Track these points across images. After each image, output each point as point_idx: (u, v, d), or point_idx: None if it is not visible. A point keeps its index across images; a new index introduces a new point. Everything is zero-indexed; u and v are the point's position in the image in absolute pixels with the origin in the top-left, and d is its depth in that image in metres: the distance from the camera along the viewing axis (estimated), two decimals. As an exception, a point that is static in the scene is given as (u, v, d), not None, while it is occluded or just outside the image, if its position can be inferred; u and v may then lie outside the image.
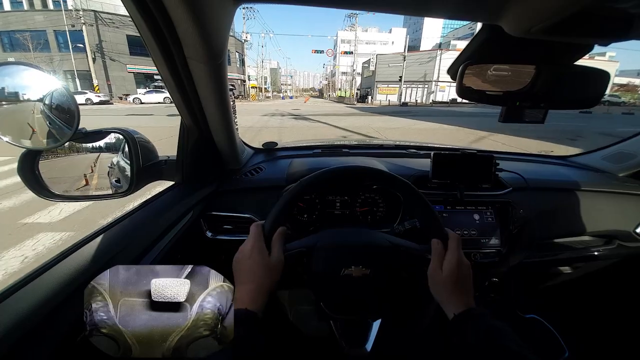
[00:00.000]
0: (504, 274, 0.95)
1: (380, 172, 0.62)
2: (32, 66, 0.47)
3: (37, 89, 0.49)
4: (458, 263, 0.52)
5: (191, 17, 0.45)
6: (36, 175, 0.58)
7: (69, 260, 0.49)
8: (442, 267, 0.52)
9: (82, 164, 0.71)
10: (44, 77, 0.48)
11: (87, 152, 0.72)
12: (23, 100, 0.48)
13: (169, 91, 0.66)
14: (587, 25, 0.35)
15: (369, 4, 0.48)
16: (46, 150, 0.58)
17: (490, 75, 0.51)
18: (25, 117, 0.50)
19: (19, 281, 0.43)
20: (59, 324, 0.41)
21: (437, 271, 0.52)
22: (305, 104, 30.15)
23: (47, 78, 0.49)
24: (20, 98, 0.48)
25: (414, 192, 0.59)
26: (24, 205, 3.05)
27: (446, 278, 0.51)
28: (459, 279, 0.51)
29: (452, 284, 0.51)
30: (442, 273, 0.52)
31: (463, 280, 0.51)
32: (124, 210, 0.67)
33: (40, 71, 0.48)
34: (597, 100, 0.52)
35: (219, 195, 0.88)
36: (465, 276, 0.52)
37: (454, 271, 0.51)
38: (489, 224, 0.93)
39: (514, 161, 1.26)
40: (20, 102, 0.48)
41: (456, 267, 0.51)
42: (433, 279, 0.53)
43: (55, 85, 0.50)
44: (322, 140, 1.67)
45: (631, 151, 1.16)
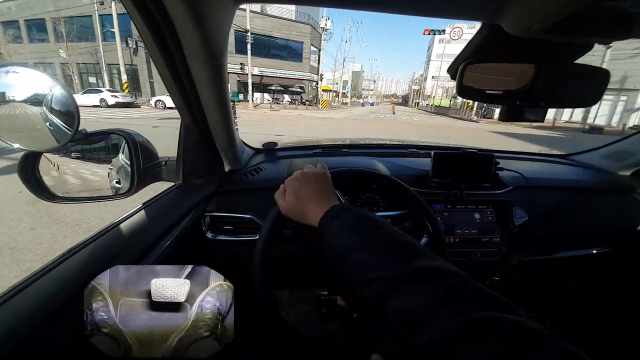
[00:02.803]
0: (505, 272, 0.95)
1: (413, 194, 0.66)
2: (32, 67, 0.47)
3: (36, 91, 0.49)
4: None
5: (191, 16, 0.45)
6: (37, 177, 0.58)
7: (70, 262, 0.49)
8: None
9: (83, 165, 0.72)
10: (43, 78, 0.48)
11: (88, 154, 0.72)
12: (22, 102, 0.48)
13: (169, 91, 0.66)
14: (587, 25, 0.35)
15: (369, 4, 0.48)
16: (47, 152, 0.58)
17: (490, 75, 0.51)
18: (25, 118, 0.50)
19: (22, 282, 0.43)
20: (62, 325, 0.41)
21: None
22: (395, 117, 23.14)
23: (46, 79, 0.49)
24: (19, 100, 0.48)
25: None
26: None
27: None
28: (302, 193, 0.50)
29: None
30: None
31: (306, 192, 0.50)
32: (125, 211, 0.67)
33: (39, 72, 0.48)
34: (596, 99, 0.52)
35: (219, 196, 0.88)
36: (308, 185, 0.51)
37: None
38: (489, 223, 0.93)
39: (514, 160, 1.26)
40: (19, 104, 0.48)
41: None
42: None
43: (54, 87, 0.50)
44: (321, 140, 1.67)
45: (632, 149, 1.15)
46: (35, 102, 0.49)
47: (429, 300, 0.31)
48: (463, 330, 0.27)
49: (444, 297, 0.30)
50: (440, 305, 0.30)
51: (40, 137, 0.53)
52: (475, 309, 0.28)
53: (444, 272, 0.33)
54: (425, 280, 0.33)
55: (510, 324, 0.26)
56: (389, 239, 0.40)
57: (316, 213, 0.46)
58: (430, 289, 0.32)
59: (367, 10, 0.50)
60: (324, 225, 0.44)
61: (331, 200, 0.49)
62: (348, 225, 0.42)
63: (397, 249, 0.38)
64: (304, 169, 0.55)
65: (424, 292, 0.32)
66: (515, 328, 0.26)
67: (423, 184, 0.95)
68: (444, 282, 0.32)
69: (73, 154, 0.68)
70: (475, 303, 0.29)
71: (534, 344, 0.25)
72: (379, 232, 0.40)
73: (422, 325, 0.29)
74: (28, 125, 0.51)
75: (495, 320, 0.27)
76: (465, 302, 0.30)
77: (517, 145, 9.69)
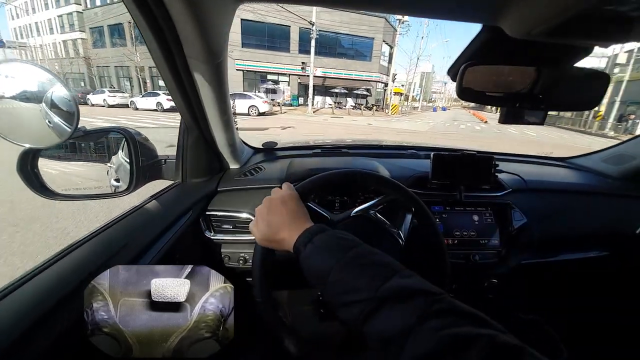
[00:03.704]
0: (503, 275, 0.95)
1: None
2: (33, 64, 0.47)
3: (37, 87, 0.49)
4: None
5: (191, 15, 0.45)
6: (36, 174, 0.58)
7: (68, 259, 0.49)
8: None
9: (82, 162, 0.72)
10: (44, 74, 0.48)
11: (87, 151, 0.72)
12: (23, 99, 0.48)
13: (169, 90, 0.66)
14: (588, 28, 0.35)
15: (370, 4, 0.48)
16: (46, 149, 0.58)
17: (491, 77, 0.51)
18: (25, 115, 0.50)
19: (19, 279, 0.43)
20: (59, 322, 0.41)
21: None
22: (490, 127, 16.70)
23: (47, 76, 0.49)
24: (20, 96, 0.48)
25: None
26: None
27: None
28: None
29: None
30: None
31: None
32: (123, 209, 0.67)
33: (40, 69, 0.48)
34: (597, 102, 0.52)
35: (219, 195, 0.88)
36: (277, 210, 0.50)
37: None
38: (488, 225, 0.93)
39: (513, 162, 1.26)
40: (20, 101, 0.48)
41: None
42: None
43: (55, 83, 0.50)
44: (321, 140, 1.67)
45: (631, 153, 1.15)
46: (35, 98, 0.49)
47: (406, 320, 0.31)
48: (440, 348, 0.28)
49: (420, 315, 0.31)
50: (416, 324, 0.30)
51: (40, 134, 0.53)
52: (452, 325, 0.29)
53: (419, 290, 0.34)
54: (402, 299, 0.33)
55: (485, 338, 0.27)
56: (362, 258, 0.40)
57: (290, 239, 0.46)
58: (407, 308, 0.32)
59: (368, 10, 0.50)
60: (298, 250, 0.44)
61: (303, 222, 0.48)
62: (321, 248, 0.42)
63: (371, 269, 0.38)
64: (271, 193, 0.54)
65: (402, 312, 0.32)
66: (490, 342, 0.27)
67: (422, 185, 0.95)
68: (419, 301, 0.33)
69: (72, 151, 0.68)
70: (451, 319, 0.30)
71: (508, 357, 0.26)
72: (352, 252, 0.40)
73: (401, 345, 0.30)
74: (28, 122, 0.51)
75: (470, 336, 0.28)
76: (441, 319, 0.30)
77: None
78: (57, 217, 2.67)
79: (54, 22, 33.77)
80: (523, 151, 1.45)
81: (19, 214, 2.70)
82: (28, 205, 2.79)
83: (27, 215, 2.68)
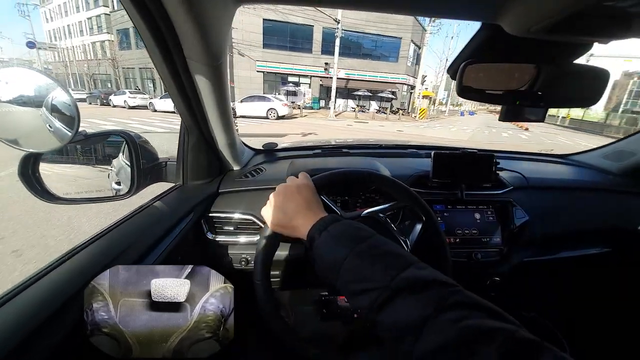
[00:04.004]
0: (505, 272, 0.95)
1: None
2: (33, 69, 0.47)
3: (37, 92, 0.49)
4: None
5: (190, 17, 0.45)
6: (37, 178, 0.58)
7: (70, 263, 0.49)
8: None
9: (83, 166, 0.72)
10: (44, 79, 0.48)
11: (88, 155, 0.72)
12: (23, 104, 0.48)
13: (169, 92, 0.66)
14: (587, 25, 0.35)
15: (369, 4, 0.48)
16: (47, 153, 0.58)
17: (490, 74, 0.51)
18: (25, 119, 0.50)
19: (23, 283, 0.43)
20: (62, 326, 0.41)
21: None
22: (532, 136, 14.25)
23: (47, 80, 0.49)
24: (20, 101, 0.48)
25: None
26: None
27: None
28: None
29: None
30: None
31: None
32: (125, 212, 0.67)
33: (40, 74, 0.48)
34: (596, 99, 0.52)
35: (220, 197, 0.88)
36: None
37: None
38: (489, 223, 0.93)
39: (514, 160, 1.26)
40: (20, 105, 0.48)
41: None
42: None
43: (55, 88, 0.50)
44: (321, 140, 1.67)
45: (632, 149, 1.15)
46: (35, 103, 0.49)
47: (422, 311, 0.31)
48: (458, 340, 0.27)
49: (436, 306, 0.30)
50: (432, 315, 0.30)
51: (41, 138, 0.53)
52: (469, 317, 0.29)
53: (435, 281, 0.34)
54: (417, 290, 0.33)
55: (504, 333, 0.27)
56: (378, 248, 0.40)
57: (304, 226, 0.46)
58: (423, 298, 0.32)
59: (367, 10, 0.50)
60: (312, 238, 0.44)
61: (317, 211, 0.49)
62: (336, 237, 0.42)
63: (386, 259, 0.38)
64: (287, 181, 0.55)
65: (417, 302, 0.32)
66: (510, 337, 0.26)
67: (423, 184, 0.95)
68: (435, 292, 0.32)
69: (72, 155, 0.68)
70: (468, 312, 0.30)
71: (528, 353, 0.25)
72: (367, 243, 0.40)
73: (416, 335, 0.30)
74: (28, 126, 0.51)
75: (488, 330, 0.27)
76: (458, 311, 0.30)
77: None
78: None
79: (84, 25, 34.24)
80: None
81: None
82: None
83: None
